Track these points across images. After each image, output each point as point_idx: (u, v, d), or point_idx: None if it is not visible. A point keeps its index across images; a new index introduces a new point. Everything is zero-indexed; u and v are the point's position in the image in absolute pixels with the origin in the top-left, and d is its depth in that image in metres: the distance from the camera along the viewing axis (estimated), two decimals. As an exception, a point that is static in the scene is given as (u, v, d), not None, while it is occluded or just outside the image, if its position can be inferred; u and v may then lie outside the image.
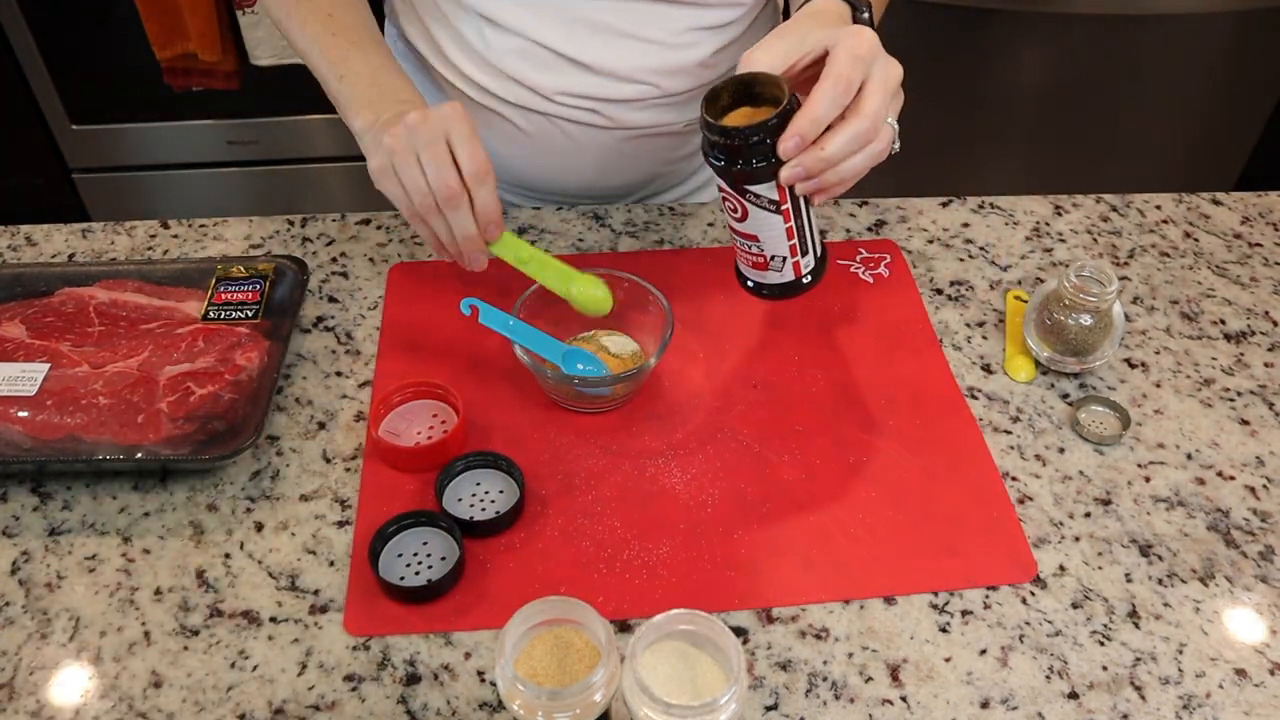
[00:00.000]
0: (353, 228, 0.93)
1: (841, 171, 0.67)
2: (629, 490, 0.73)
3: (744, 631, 0.65)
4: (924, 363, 0.82)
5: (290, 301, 0.82)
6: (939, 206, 0.97)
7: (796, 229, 0.70)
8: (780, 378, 0.81)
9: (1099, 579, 0.69)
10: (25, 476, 0.74)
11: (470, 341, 0.82)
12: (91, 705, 0.62)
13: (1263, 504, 0.73)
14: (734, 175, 0.68)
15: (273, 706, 0.62)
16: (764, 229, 0.70)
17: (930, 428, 0.77)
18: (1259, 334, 0.86)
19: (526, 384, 0.79)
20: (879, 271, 0.90)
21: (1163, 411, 0.79)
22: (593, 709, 0.53)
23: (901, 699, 0.62)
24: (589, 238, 0.93)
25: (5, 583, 0.68)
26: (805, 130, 0.65)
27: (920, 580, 0.68)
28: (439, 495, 0.71)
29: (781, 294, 0.75)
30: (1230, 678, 0.64)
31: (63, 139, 1.95)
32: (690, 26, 0.87)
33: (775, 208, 0.69)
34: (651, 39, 0.86)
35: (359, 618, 0.65)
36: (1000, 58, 1.66)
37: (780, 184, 0.67)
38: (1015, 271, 0.91)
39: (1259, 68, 1.70)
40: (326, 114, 1.91)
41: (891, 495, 0.73)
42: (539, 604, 0.55)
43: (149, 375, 0.75)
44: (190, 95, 1.85)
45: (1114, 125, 1.73)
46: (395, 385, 0.76)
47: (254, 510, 0.72)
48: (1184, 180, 1.78)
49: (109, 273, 0.84)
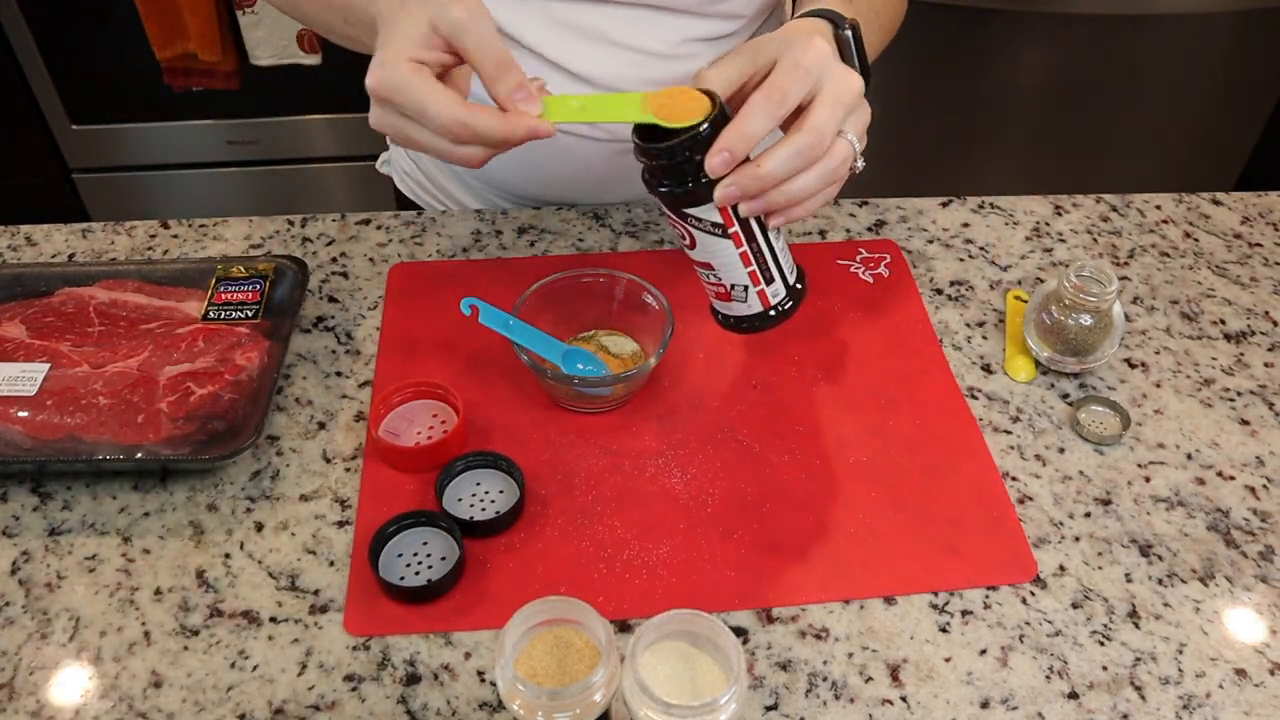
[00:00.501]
0: (353, 228, 0.93)
1: (789, 192, 0.63)
2: (629, 490, 0.73)
3: (744, 631, 0.65)
4: (924, 363, 0.82)
5: (290, 301, 0.82)
6: (939, 206, 0.97)
7: (753, 254, 0.66)
8: (780, 377, 0.81)
9: (1099, 579, 0.69)
10: (25, 476, 0.74)
11: (470, 341, 0.82)
12: (91, 705, 0.62)
13: (1263, 504, 0.73)
14: (669, 198, 0.64)
15: (273, 706, 0.62)
16: (716, 256, 0.66)
17: (930, 428, 0.77)
18: (1259, 334, 0.86)
19: (526, 384, 0.79)
20: (879, 271, 0.90)
21: (1163, 411, 0.79)
22: (593, 709, 0.53)
23: (901, 699, 0.62)
24: (589, 238, 0.93)
25: (5, 583, 0.68)
26: (733, 144, 0.60)
27: (920, 580, 0.68)
28: (439, 495, 0.71)
29: (752, 326, 0.70)
30: (1230, 678, 0.64)
31: (63, 139, 1.95)
32: (687, 38, 0.85)
33: (721, 231, 0.64)
34: (647, 49, 0.85)
35: (359, 618, 0.65)
36: (1000, 58, 1.66)
37: (718, 205, 0.63)
38: (1015, 271, 0.91)
39: (1259, 68, 1.70)
40: (326, 114, 1.91)
41: (891, 495, 0.73)
42: (539, 604, 0.55)
43: (149, 375, 0.75)
44: (190, 95, 1.85)
45: (1114, 125, 1.73)
46: (395, 385, 0.76)
47: (254, 510, 0.72)
48: (1184, 180, 1.78)
49: (109, 273, 0.84)
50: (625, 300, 0.80)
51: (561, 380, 0.76)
